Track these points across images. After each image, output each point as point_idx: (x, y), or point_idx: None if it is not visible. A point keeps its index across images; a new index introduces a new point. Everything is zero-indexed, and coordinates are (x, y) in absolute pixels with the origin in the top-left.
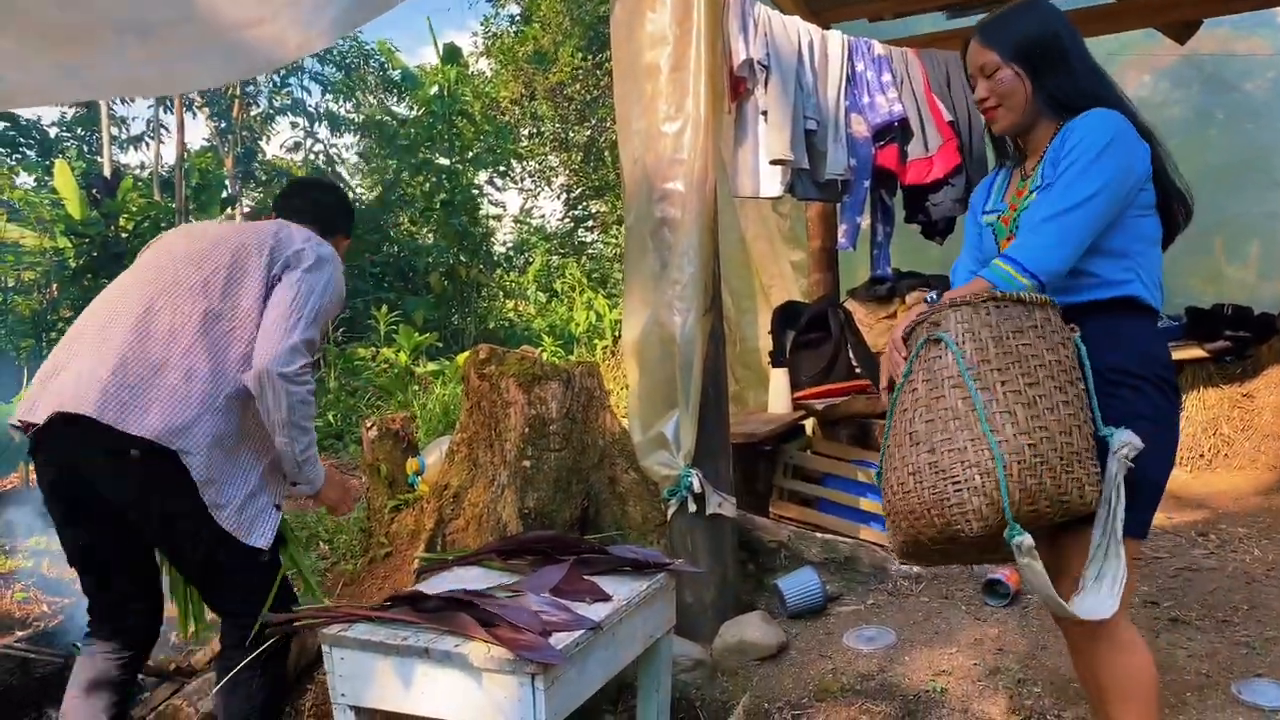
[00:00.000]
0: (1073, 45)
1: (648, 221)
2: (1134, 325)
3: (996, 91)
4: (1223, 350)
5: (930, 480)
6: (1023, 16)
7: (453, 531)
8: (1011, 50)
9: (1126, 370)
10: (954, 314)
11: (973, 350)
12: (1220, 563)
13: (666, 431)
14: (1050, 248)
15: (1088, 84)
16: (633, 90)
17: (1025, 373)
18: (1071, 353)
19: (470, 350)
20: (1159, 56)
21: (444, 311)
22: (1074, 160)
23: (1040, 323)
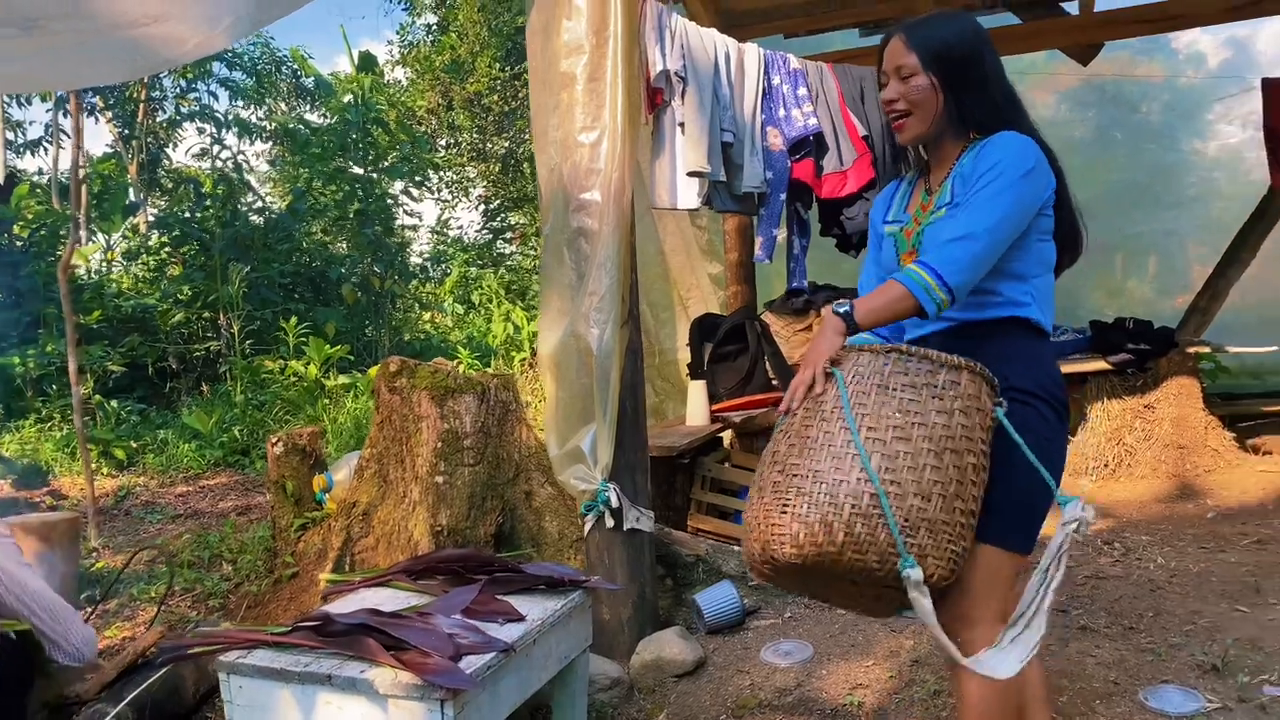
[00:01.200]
0: (993, 66)
1: (564, 232)
2: (1029, 345)
3: (909, 98)
4: (1125, 363)
5: (768, 498)
6: (949, 26)
7: (362, 550)
8: (932, 59)
9: (1021, 388)
10: (856, 355)
11: (855, 391)
12: (1126, 570)
13: (583, 445)
14: (967, 264)
15: (1003, 107)
16: (549, 99)
17: (897, 426)
18: (977, 425)
19: (381, 363)
20: (1063, 78)
21: (357, 323)
22: (991, 181)
23: (944, 385)
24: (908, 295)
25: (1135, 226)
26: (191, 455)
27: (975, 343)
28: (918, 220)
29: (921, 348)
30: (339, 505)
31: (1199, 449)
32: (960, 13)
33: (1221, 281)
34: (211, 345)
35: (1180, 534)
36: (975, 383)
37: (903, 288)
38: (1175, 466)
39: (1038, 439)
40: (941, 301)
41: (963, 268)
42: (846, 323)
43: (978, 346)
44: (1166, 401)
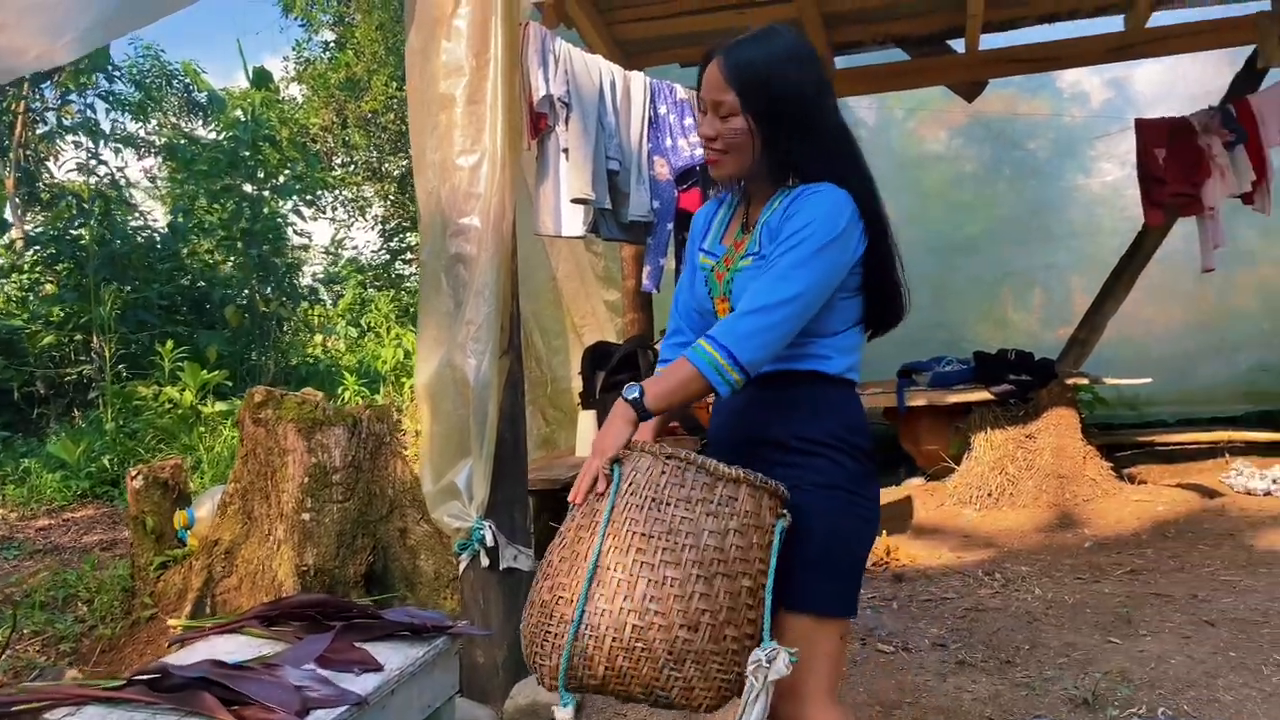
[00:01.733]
0: (817, 107)
1: (441, 258)
2: (833, 397)
3: (726, 139)
4: (1007, 393)
5: (535, 617)
6: (772, 64)
7: (224, 591)
8: (751, 99)
9: (824, 441)
10: (638, 457)
11: (628, 503)
12: (1004, 602)
13: (458, 481)
14: (762, 341)
15: (829, 154)
16: (427, 121)
17: (667, 549)
18: (754, 544)
19: (246, 393)
20: (954, 114)
21: (241, 347)
22: (794, 247)
23: (720, 501)
24: (698, 376)
25: (1020, 260)
26: (56, 486)
27: (773, 393)
28: (729, 260)
29: (702, 457)
30: (201, 543)
31: (1078, 478)
32: (787, 39)
33: (1099, 316)
34: (84, 369)
35: (1059, 564)
36: (755, 497)
37: (693, 369)
38: (1055, 496)
39: (835, 490)
40: (735, 382)
41: (757, 345)
42: (636, 410)
43: (775, 398)
44: (1047, 431)
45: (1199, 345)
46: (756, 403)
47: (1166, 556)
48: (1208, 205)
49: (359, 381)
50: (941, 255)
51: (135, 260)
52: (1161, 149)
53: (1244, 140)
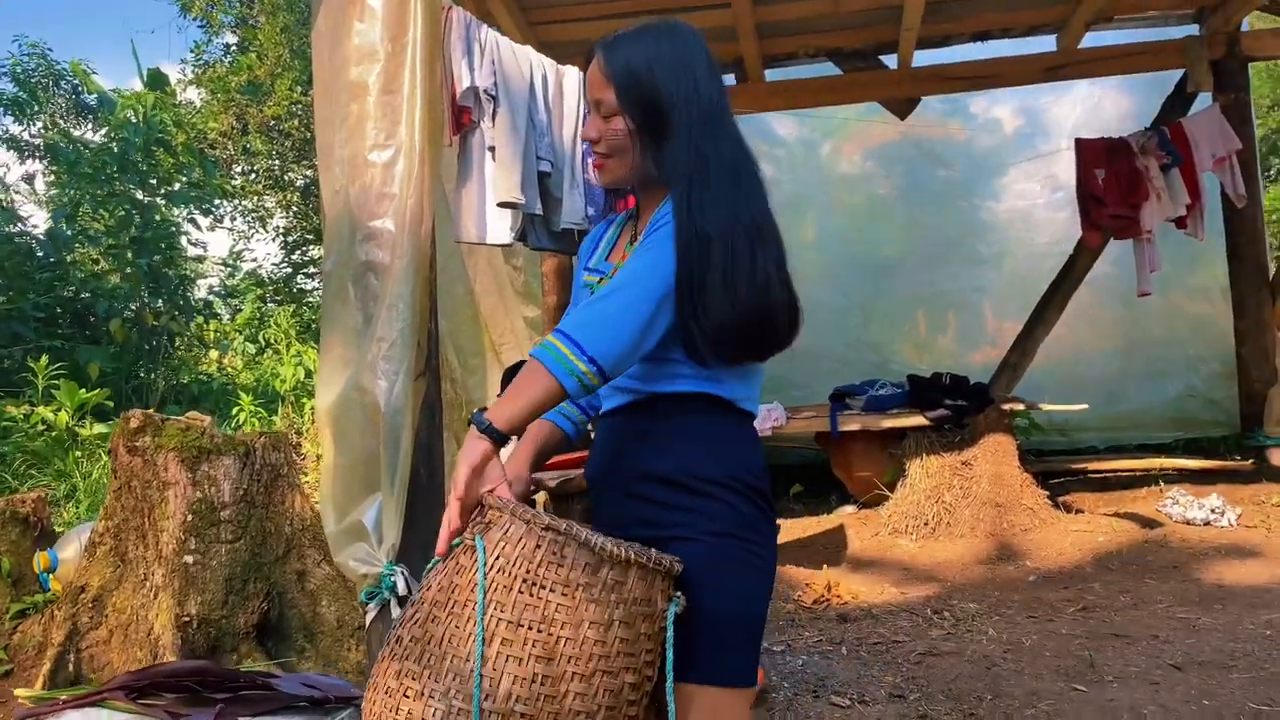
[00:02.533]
0: (704, 106)
1: (350, 266)
2: (720, 426)
3: (608, 141)
4: (942, 418)
5: (380, 705)
6: (654, 60)
7: (91, 645)
8: (631, 100)
9: (718, 480)
10: (508, 522)
11: (495, 583)
12: (959, 645)
13: (365, 520)
14: (613, 327)
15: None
16: (335, 112)
17: (539, 642)
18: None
19: (120, 417)
20: (870, 135)
21: (127, 363)
22: (651, 233)
23: (605, 586)
24: (543, 372)
25: (941, 282)
26: None
27: (657, 421)
28: (615, 273)
29: (584, 531)
30: (65, 589)
31: (1015, 507)
32: (674, 32)
33: (1030, 339)
34: None
35: (1007, 600)
36: (645, 582)
37: (538, 365)
38: (993, 525)
39: (727, 539)
40: (585, 374)
41: (607, 333)
42: (491, 439)
43: (662, 427)
44: (984, 459)
45: (1127, 370)
46: (639, 433)
47: (1116, 591)
48: (1145, 228)
49: (255, 402)
50: (868, 275)
51: (10, 268)
52: (1101, 169)
53: (1179, 163)
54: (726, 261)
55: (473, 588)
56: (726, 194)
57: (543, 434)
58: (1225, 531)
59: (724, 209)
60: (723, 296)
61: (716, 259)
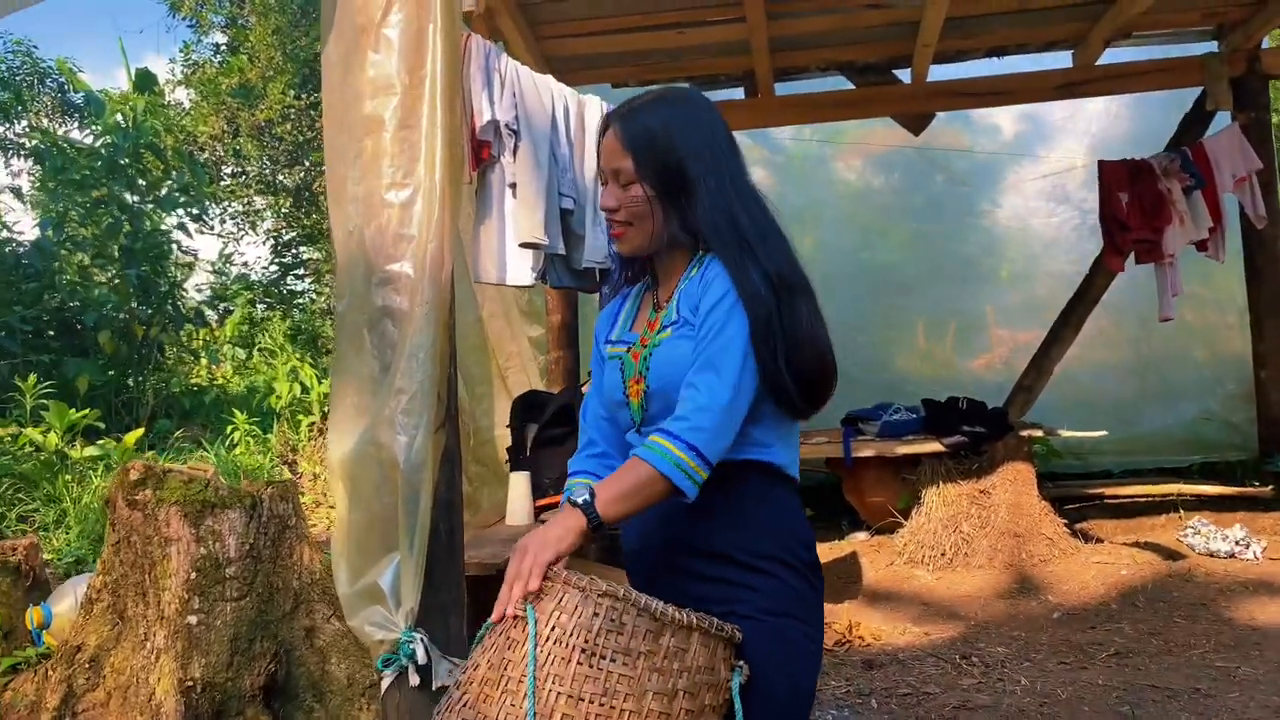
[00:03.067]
0: (721, 169)
1: (364, 311)
2: (782, 499)
3: (629, 209)
4: (960, 445)
5: None
6: (670, 126)
7: (87, 708)
8: (650, 167)
9: (775, 556)
10: (562, 591)
11: (551, 654)
12: (993, 698)
13: (382, 582)
14: (728, 432)
15: (736, 221)
16: (349, 145)
17: (601, 715)
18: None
19: (118, 469)
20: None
21: (116, 376)
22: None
23: (668, 654)
24: (659, 478)
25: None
26: None
27: (708, 491)
28: (645, 341)
29: (644, 597)
30: (60, 647)
31: (1034, 537)
32: (686, 99)
33: (1045, 360)
34: None
35: (1034, 643)
36: (709, 648)
37: (653, 470)
38: (1011, 555)
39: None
40: (701, 483)
41: (717, 436)
42: (589, 519)
43: (709, 496)
44: (1003, 487)
45: (1142, 392)
46: (686, 504)
47: (1146, 634)
48: (1168, 252)
49: (250, 420)
50: (877, 294)
51: None
52: (1124, 192)
53: (1201, 186)
54: (810, 307)
55: (524, 664)
56: (781, 244)
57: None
58: (1251, 565)
59: (787, 257)
60: (808, 347)
61: (801, 312)
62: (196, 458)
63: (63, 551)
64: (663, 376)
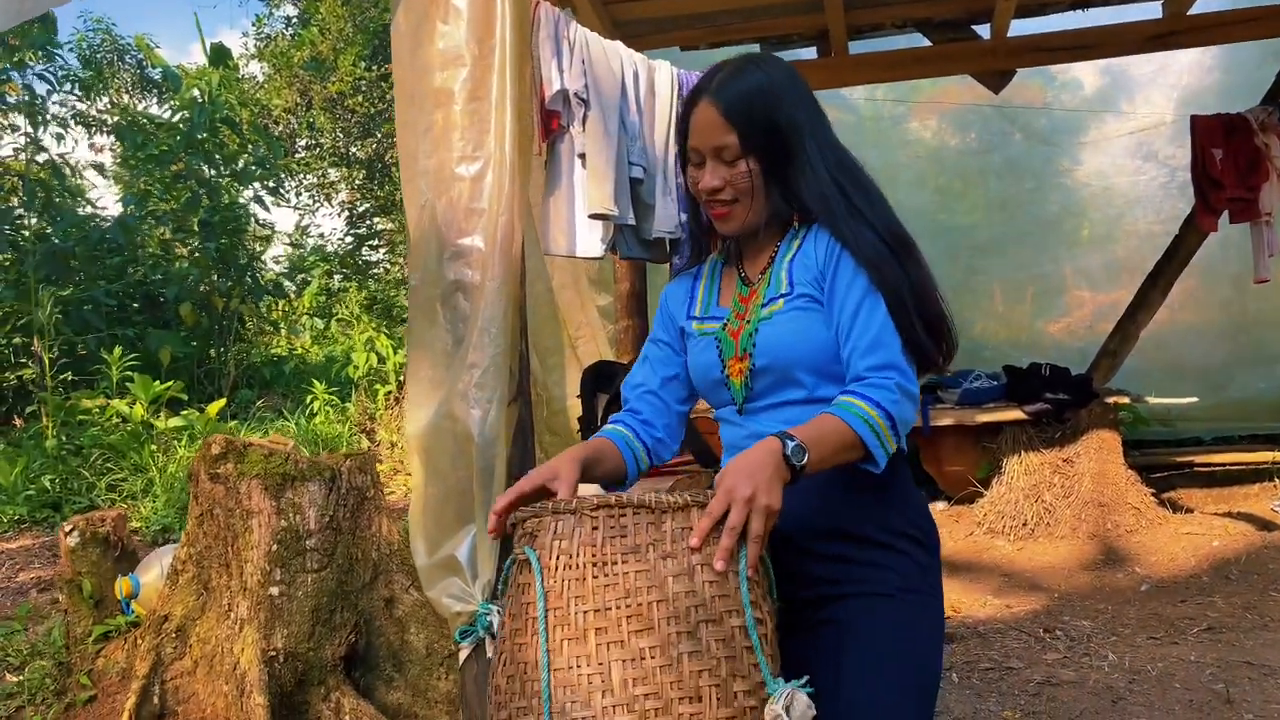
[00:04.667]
0: (819, 134)
1: (438, 285)
2: (903, 472)
3: (736, 186)
4: (1042, 412)
5: None
6: (769, 95)
7: (176, 676)
8: (755, 139)
9: (905, 532)
10: (553, 523)
11: (565, 579)
12: (1078, 674)
13: (459, 554)
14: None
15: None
16: (419, 119)
17: (634, 615)
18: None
19: (201, 443)
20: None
21: (199, 348)
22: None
23: (675, 536)
24: (858, 444)
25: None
26: None
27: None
28: (741, 316)
29: (634, 493)
30: (148, 616)
31: (1120, 507)
32: (775, 65)
33: (1132, 324)
34: (24, 373)
35: (1122, 617)
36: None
37: (851, 433)
38: (1096, 526)
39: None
40: (890, 454)
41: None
42: (792, 468)
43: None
44: (1087, 455)
45: (1234, 355)
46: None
47: (1240, 608)
48: (1265, 211)
49: (329, 390)
50: (955, 257)
51: (80, 254)
52: (1218, 148)
53: None
54: (925, 267)
55: (537, 601)
56: (884, 203)
57: (606, 459)
58: None
59: (892, 216)
60: (933, 299)
61: (922, 264)
62: (277, 427)
63: (150, 520)
64: (774, 352)
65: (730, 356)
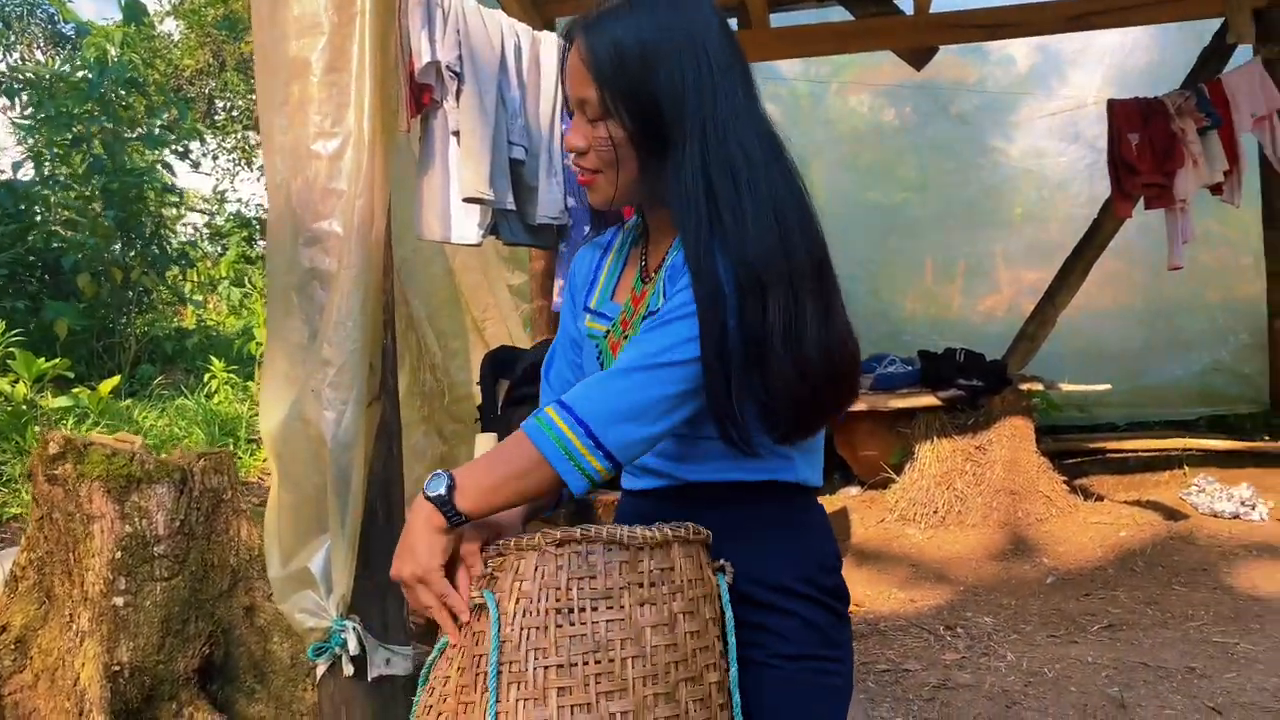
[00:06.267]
0: (719, 96)
1: (293, 271)
2: (804, 519)
3: (598, 153)
4: (955, 399)
5: None
6: (647, 43)
7: (15, 690)
8: (621, 98)
9: (795, 591)
10: (516, 561)
11: (524, 627)
12: (975, 676)
13: (313, 567)
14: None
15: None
16: (276, 91)
17: (603, 673)
18: (709, 621)
19: (39, 441)
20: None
21: (98, 320)
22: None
23: (652, 578)
24: (540, 463)
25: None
26: None
27: (721, 516)
28: (627, 323)
29: (607, 526)
30: None
31: (1031, 494)
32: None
33: (1050, 308)
34: None
35: (1025, 613)
36: (693, 558)
37: (534, 451)
38: (1007, 514)
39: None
40: (596, 473)
41: (630, 419)
42: (445, 515)
43: (726, 523)
44: (999, 443)
45: (1151, 342)
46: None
47: (1142, 603)
48: (1179, 197)
49: (228, 368)
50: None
51: None
52: (1135, 133)
53: (1218, 125)
54: (789, 310)
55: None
56: (766, 220)
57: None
58: (1256, 527)
59: (769, 240)
60: (786, 361)
61: (774, 309)
62: (176, 406)
63: None
64: None
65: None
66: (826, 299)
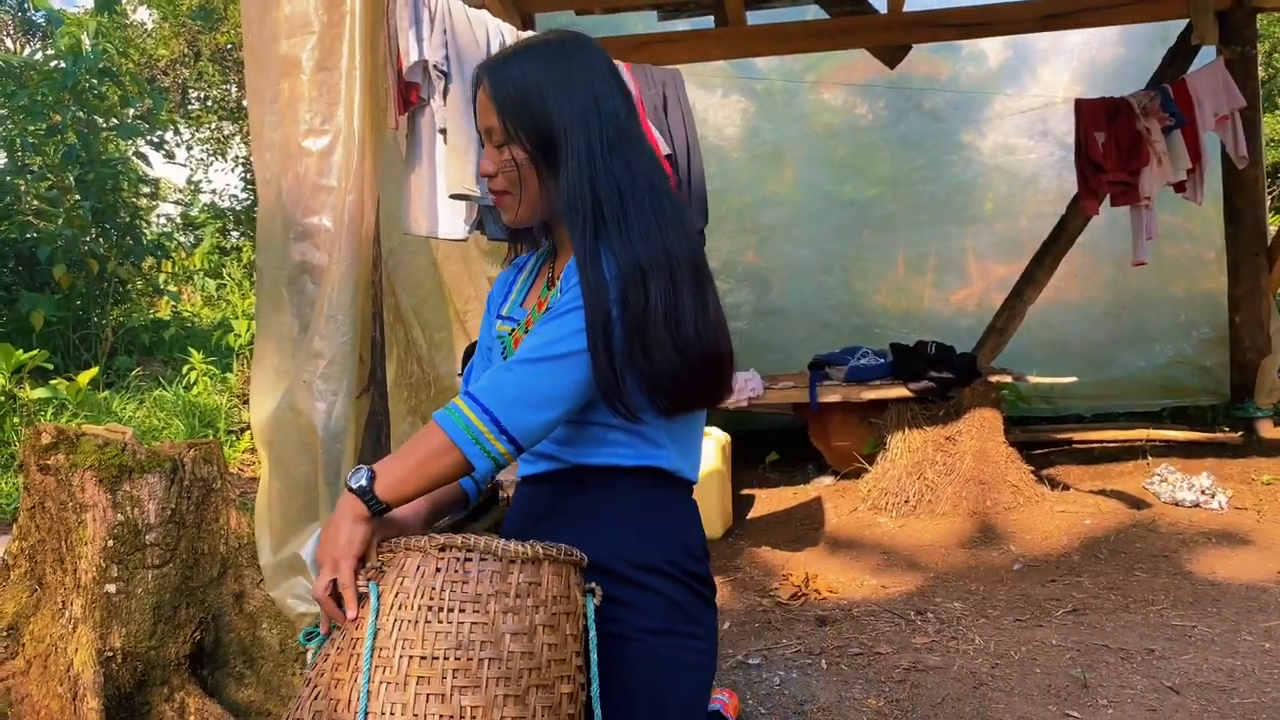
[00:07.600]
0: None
1: (283, 267)
2: (657, 504)
3: (505, 174)
4: (926, 390)
5: None
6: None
7: (9, 676)
8: (518, 126)
9: (656, 568)
10: (403, 557)
11: (397, 620)
12: (944, 658)
13: (304, 554)
14: (540, 400)
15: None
16: (266, 88)
17: (460, 669)
18: (569, 637)
19: (30, 431)
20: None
21: (74, 311)
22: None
23: (519, 590)
24: (450, 447)
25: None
26: None
27: (585, 496)
28: (530, 321)
29: (484, 538)
30: None
31: (999, 484)
32: (565, 46)
33: (1019, 302)
34: None
35: (992, 598)
36: (561, 577)
37: (443, 436)
38: (976, 503)
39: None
40: (500, 455)
41: (530, 406)
42: (367, 504)
43: (587, 501)
44: (969, 434)
45: (1116, 335)
46: (563, 510)
47: (1105, 588)
48: (1144, 195)
49: (208, 359)
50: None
51: None
52: (1101, 132)
53: (1182, 125)
54: (669, 296)
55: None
56: (647, 223)
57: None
58: (1215, 515)
59: (650, 238)
60: (666, 339)
61: (656, 295)
62: (154, 397)
63: (12, 497)
64: None
65: None
66: (703, 294)
